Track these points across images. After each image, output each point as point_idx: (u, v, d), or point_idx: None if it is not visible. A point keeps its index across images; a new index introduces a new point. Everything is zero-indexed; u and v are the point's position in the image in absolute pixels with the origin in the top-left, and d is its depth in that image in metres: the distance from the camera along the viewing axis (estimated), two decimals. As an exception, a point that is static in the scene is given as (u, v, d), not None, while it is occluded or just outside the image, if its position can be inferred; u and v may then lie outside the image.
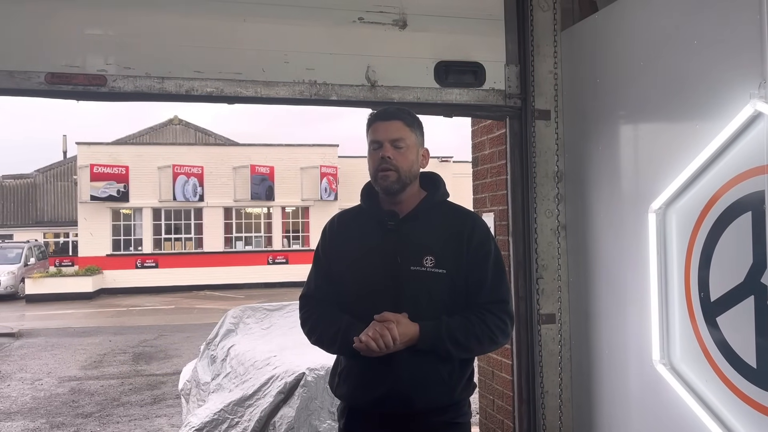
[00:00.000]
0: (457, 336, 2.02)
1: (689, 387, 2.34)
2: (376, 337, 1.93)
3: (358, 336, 1.96)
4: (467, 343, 2.04)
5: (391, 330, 1.94)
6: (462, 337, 2.03)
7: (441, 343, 2.01)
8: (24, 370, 10.00)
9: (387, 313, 1.99)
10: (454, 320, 2.04)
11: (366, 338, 1.94)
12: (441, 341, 2.01)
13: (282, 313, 6.01)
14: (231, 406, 4.53)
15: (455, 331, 2.02)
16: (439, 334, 2.01)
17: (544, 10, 3.08)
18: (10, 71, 2.53)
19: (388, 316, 1.98)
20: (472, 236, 2.12)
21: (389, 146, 2.08)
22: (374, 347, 1.93)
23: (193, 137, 32.91)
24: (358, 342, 1.95)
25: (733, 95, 2.15)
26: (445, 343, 2.01)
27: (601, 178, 2.88)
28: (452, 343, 2.02)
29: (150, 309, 18.54)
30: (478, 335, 2.05)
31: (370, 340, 1.93)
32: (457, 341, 2.02)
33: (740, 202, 2.13)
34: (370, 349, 1.94)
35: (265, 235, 25.91)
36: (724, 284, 2.19)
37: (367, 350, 1.95)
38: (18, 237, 31.04)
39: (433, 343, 2.01)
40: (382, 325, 1.95)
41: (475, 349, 2.10)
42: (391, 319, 1.97)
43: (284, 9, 2.83)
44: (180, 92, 2.70)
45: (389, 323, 1.95)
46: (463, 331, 2.03)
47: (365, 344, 1.94)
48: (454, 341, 2.02)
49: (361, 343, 1.94)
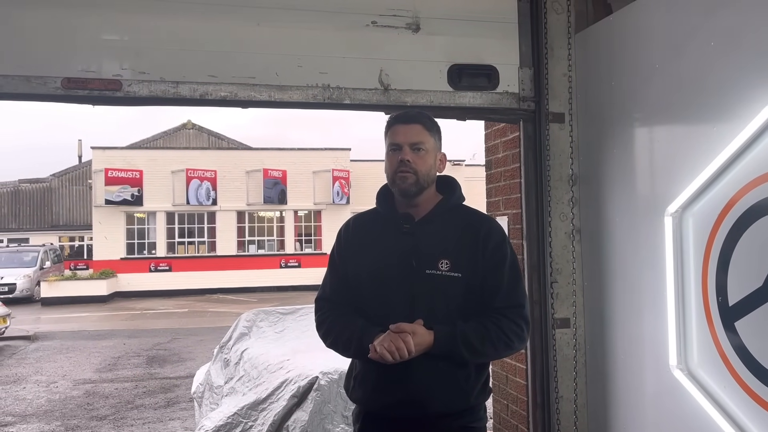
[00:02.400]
0: (473, 342, 2.01)
1: (707, 393, 2.31)
2: (391, 349, 1.92)
3: (373, 344, 1.96)
4: (482, 349, 2.03)
5: (406, 342, 1.93)
6: (477, 342, 2.02)
7: (456, 349, 2.00)
8: (39, 373, 10.08)
9: (403, 324, 1.97)
10: (469, 326, 2.03)
11: (381, 349, 1.93)
12: (456, 347, 2.00)
13: (295, 316, 6.01)
14: (244, 409, 4.54)
15: (470, 337, 2.01)
16: (454, 341, 2.00)
17: (558, 13, 3.06)
18: (27, 76, 2.55)
19: (404, 327, 1.96)
20: (488, 240, 2.11)
21: (408, 149, 2.08)
22: (389, 359, 1.93)
23: (207, 141, 33.08)
24: (374, 352, 1.95)
25: (750, 97, 2.13)
26: (460, 349, 2.00)
27: (616, 181, 2.86)
28: (467, 349, 2.01)
29: (163, 312, 18.64)
30: (493, 341, 2.03)
31: (385, 351, 1.92)
32: (473, 347, 2.01)
33: (758, 206, 2.10)
34: (385, 360, 1.93)
35: (278, 239, 25.98)
36: (743, 288, 2.16)
37: (382, 360, 1.94)
38: (34, 241, 31.34)
39: (448, 349, 2.00)
40: (398, 337, 1.94)
41: (491, 354, 2.09)
42: (407, 331, 1.95)
43: (297, 13, 2.84)
44: (194, 96, 2.71)
45: (405, 335, 1.94)
46: (479, 336, 2.02)
47: (380, 355, 1.93)
48: (469, 347, 2.01)
49: (376, 353, 1.94)
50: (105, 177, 23.72)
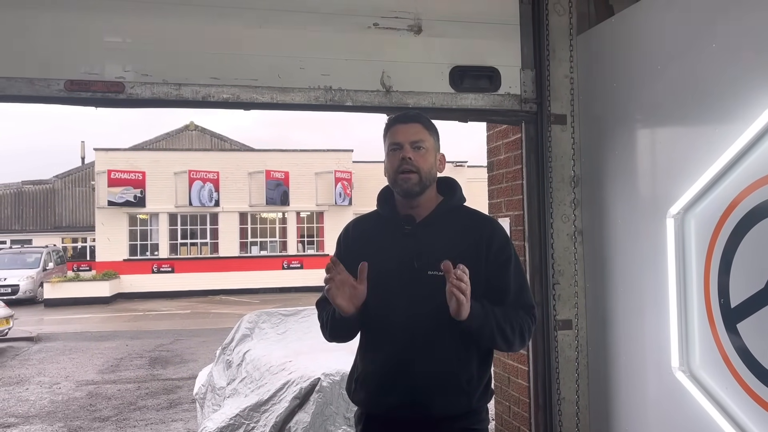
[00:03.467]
0: (500, 319, 2.01)
1: (709, 394, 2.31)
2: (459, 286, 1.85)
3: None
4: (505, 328, 2.01)
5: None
6: (503, 321, 2.01)
7: (489, 322, 1.97)
8: (42, 374, 10.10)
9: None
10: (492, 306, 2.02)
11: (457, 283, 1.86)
12: (489, 320, 1.98)
13: (297, 318, 6.02)
14: (247, 411, 4.54)
15: (498, 315, 2.01)
16: (486, 313, 1.98)
17: (560, 15, 3.06)
18: (30, 79, 2.57)
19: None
20: (491, 241, 2.11)
21: (409, 148, 2.08)
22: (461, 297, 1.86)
23: (209, 143, 33.13)
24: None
25: (752, 99, 2.13)
26: (492, 323, 1.98)
27: (618, 182, 2.86)
28: (497, 325, 1.99)
29: (166, 313, 18.66)
30: (513, 325, 2.03)
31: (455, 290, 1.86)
32: (500, 324, 2.00)
33: (760, 208, 2.10)
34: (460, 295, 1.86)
35: (280, 240, 25.99)
36: (745, 290, 2.16)
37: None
38: (37, 242, 31.38)
39: (482, 321, 1.97)
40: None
41: (510, 338, 2.04)
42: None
43: (299, 15, 2.84)
44: (196, 98, 2.72)
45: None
46: (503, 316, 2.02)
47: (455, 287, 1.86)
48: (498, 324, 1.99)
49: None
50: (108, 178, 23.77)
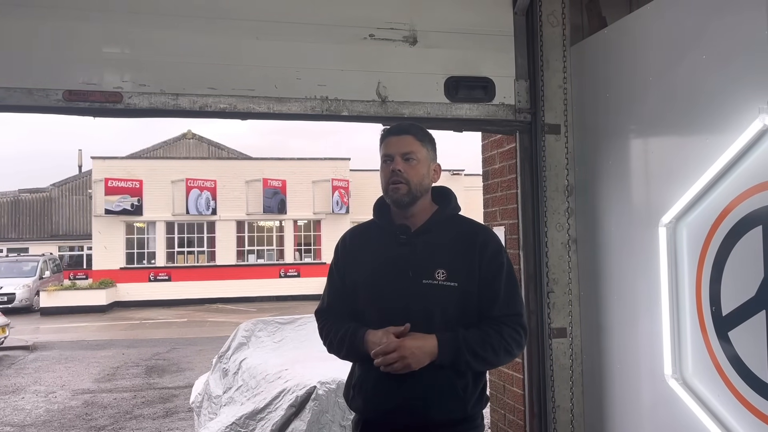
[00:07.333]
0: (475, 347, 2.03)
1: (702, 402, 2.32)
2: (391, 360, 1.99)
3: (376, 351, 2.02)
4: (485, 354, 2.04)
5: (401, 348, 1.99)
6: (480, 348, 2.04)
7: (461, 355, 2.02)
8: (38, 383, 10.06)
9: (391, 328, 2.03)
10: (470, 332, 2.05)
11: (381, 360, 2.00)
12: (461, 353, 2.01)
13: (294, 326, 6.02)
14: (242, 419, 4.54)
15: (473, 343, 2.03)
16: (458, 346, 2.01)
17: (554, 26, 3.10)
18: (29, 89, 2.59)
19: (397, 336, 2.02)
20: (484, 249, 2.13)
21: (400, 159, 2.11)
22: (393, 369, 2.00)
23: (206, 151, 33.14)
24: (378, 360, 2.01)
25: (742, 109, 2.16)
26: (465, 355, 2.02)
27: (611, 191, 2.88)
28: (471, 354, 2.02)
29: (163, 322, 18.61)
30: (494, 347, 2.05)
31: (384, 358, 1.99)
32: (476, 353, 2.03)
33: (751, 216, 2.13)
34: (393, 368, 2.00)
35: (277, 249, 25.97)
36: (736, 298, 2.18)
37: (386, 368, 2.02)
38: (33, 250, 31.31)
39: (454, 355, 2.02)
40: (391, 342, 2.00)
41: (492, 360, 2.09)
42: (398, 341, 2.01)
43: (296, 27, 2.87)
44: (194, 108, 2.75)
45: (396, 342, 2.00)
46: (480, 342, 2.04)
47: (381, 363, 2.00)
48: (473, 353, 2.03)
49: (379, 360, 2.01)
50: (105, 187, 23.74)
